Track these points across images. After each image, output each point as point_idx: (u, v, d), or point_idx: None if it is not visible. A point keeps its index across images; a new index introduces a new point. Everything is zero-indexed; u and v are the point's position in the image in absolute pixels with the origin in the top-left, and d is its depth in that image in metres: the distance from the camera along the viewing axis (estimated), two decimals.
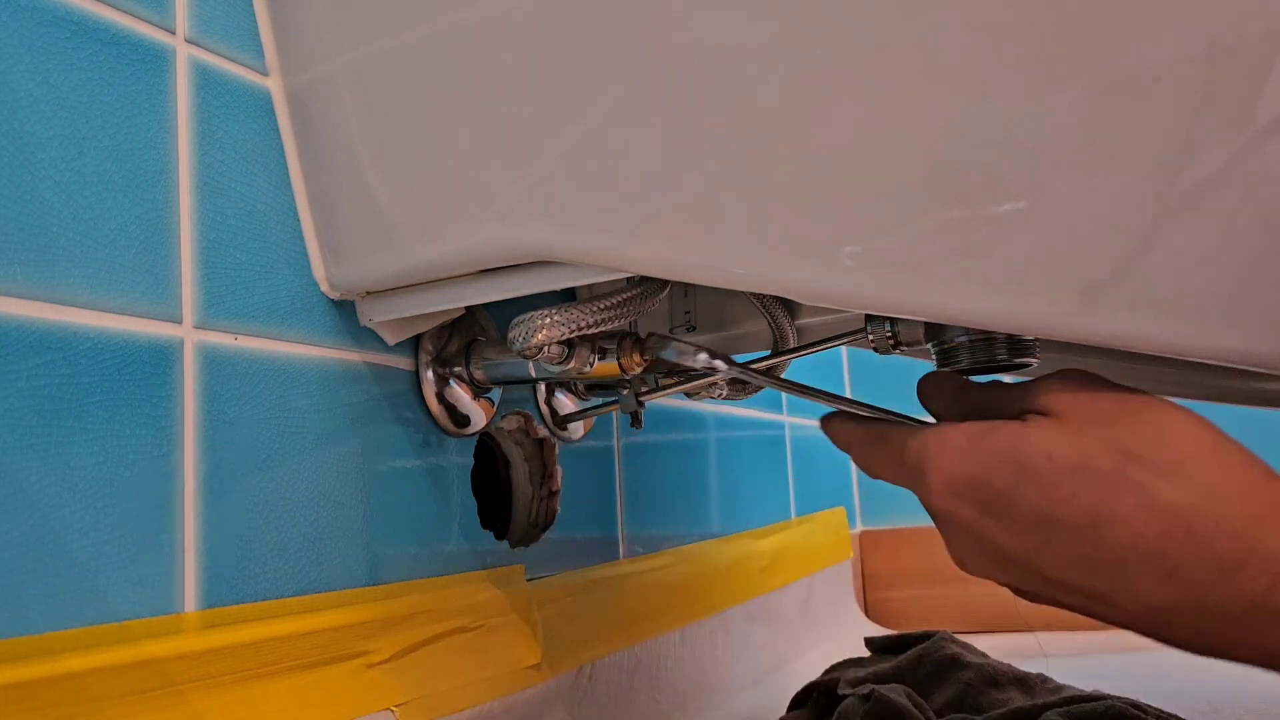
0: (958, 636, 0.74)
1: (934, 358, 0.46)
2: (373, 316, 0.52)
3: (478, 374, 0.58)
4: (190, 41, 0.45)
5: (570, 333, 0.45)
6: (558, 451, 0.67)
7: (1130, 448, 0.32)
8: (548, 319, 0.45)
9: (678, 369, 0.60)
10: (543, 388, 0.67)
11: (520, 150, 0.41)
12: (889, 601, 1.34)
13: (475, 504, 0.60)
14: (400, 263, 0.47)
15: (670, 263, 0.38)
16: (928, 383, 0.41)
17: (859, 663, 0.74)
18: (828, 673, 0.73)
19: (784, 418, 1.17)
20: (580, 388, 0.69)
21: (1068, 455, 0.32)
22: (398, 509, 0.53)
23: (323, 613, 0.46)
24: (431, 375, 0.56)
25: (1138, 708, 0.57)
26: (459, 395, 0.58)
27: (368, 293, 0.51)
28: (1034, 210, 0.31)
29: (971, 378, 0.42)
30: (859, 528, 1.39)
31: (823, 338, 0.53)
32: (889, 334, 0.47)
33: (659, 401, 0.80)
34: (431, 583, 0.54)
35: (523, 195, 0.41)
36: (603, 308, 0.45)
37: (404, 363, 0.55)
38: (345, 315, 0.52)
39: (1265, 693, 0.78)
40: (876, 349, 0.48)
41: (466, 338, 0.58)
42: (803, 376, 1.39)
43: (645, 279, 0.47)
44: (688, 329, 0.64)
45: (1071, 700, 0.59)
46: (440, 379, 0.57)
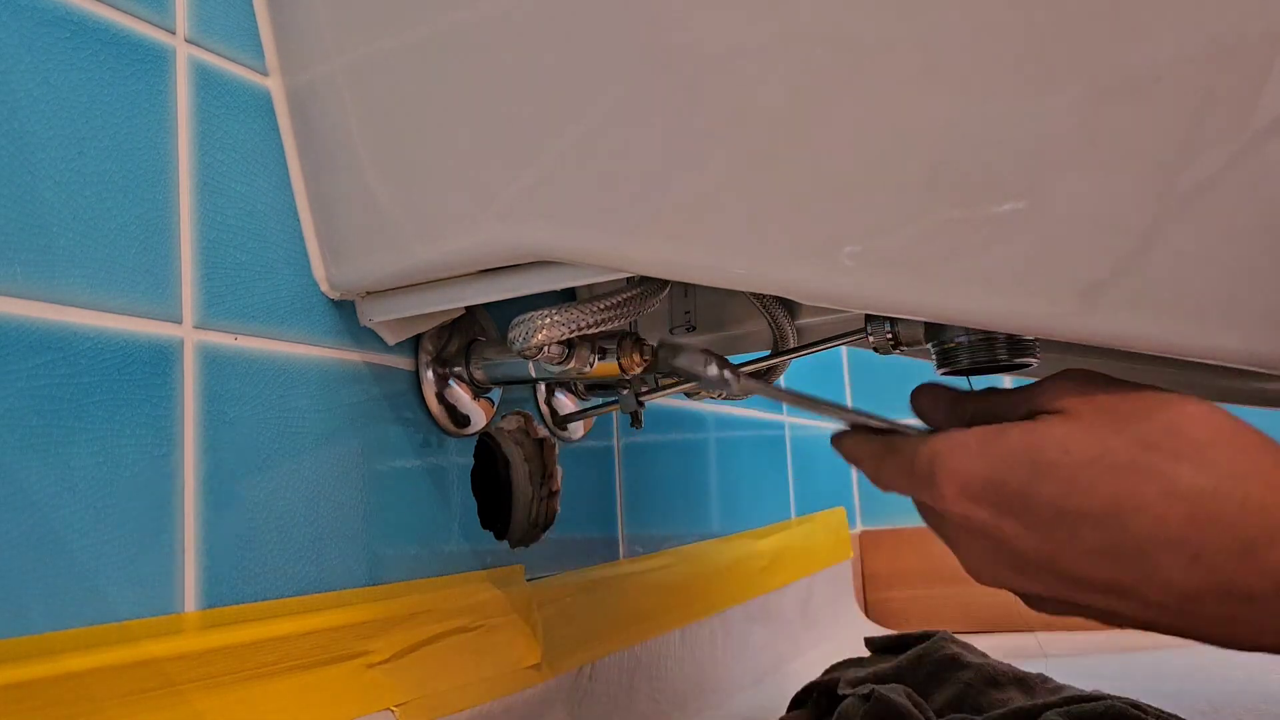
0: (958, 636, 0.74)
1: (934, 358, 0.46)
2: (373, 316, 0.52)
3: (478, 374, 0.58)
4: (190, 41, 0.46)
5: (570, 333, 0.45)
6: (558, 451, 0.67)
7: (1147, 437, 0.31)
8: (548, 319, 0.45)
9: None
10: (543, 388, 0.67)
11: (520, 150, 0.41)
12: (889, 601, 1.34)
13: (475, 504, 0.60)
14: (400, 263, 0.47)
15: (670, 263, 0.38)
16: (921, 395, 0.40)
17: (859, 663, 0.75)
18: (828, 673, 0.73)
19: (784, 418, 1.18)
20: (580, 388, 0.69)
21: (1084, 449, 0.32)
22: (398, 509, 0.53)
23: (323, 613, 0.46)
24: (431, 375, 0.56)
25: (1138, 708, 0.57)
26: (459, 395, 0.58)
27: (368, 293, 0.51)
28: (1034, 210, 0.31)
29: (971, 378, 0.42)
30: (859, 528, 1.39)
31: (823, 338, 0.53)
32: (889, 334, 0.47)
33: (659, 401, 0.80)
34: (431, 583, 0.54)
35: (523, 195, 0.41)
36: (603, 308, 0.45)
37: (404, 363, 0.55)
38: (345, 315, 0.52)
39: (1265, 693, 0.78)
40: (876, 349, 0.48)
41: (466, 338, 0.58)
42: (803, 376, 1.37)
43: (645, 279, 0.47)
44: (688, 329, 0.64)
45: (1071, 700, 0.59)
46: (440, 379, 0.57)
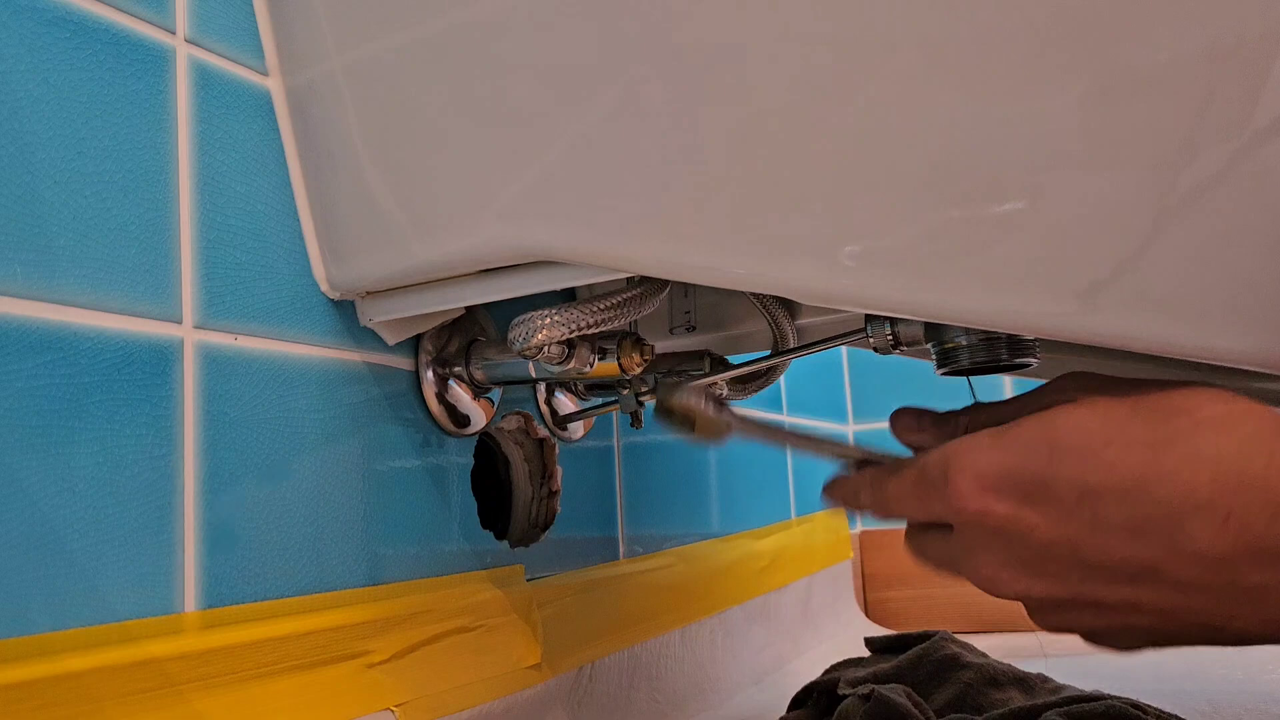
0: (958, 636, 0.74)
1: (934, 358, 0.46)
2: (373, 316, 0.52)
3: (478, 374, 0.58)
4: (190, 41, 0.45)
5: (570, 333, 0.45)
6: (558, 451, 0.67)
7: (1164, 413, 0.31)
8: (548, 319, 0.45)
9: (678, 370, 0.60)
10: (543, 388, 0.67)
11: (520, 150, 0.41)
12: (889, 601, 1.34)
13: (475, 504, 0.60)
14: (400, 263, 0.47)
15: (670, 262, 0.38)
16: (900, 417, 0.40)
17: (859, 663, 0.75)
18: (828, 673, 0.73)
19: (784, 418, 1.18)
20: (580, 388, 0.69)
21: (1102, 429, 0.32)
22: (398, 509, 0.53)
23: (323, 613, 0.46)
24: (431, 375, 0.56)
25: (1138, 708, 0.57)
26: (459, 395, 0.58)
27: (368, 293, 0.51)
28: (1034, 210, 0.31)
29: (971, 378, 0.42)
30: (859, 528, 1.39)
31: (823, 338, 0.53)
32: (889, 334, 0.47)
33: None
34: (431, 583, 0.54)
35: (523, 195, 0.41)
36: (603, 308, 0.45)
37: (404, 363, 0.55)
38: (345, 315, 0.52)
39: (1265, 692, 0.78)
40: (876, 349, 0.48)
41: (466, 338, 0.58)
42: (803, 376, 1.37)
43: (645, 279, 0.47)
44: (688, 329, 0.64)
45: (1071, 700, 0.59)
46: (440, 379, 0.57)
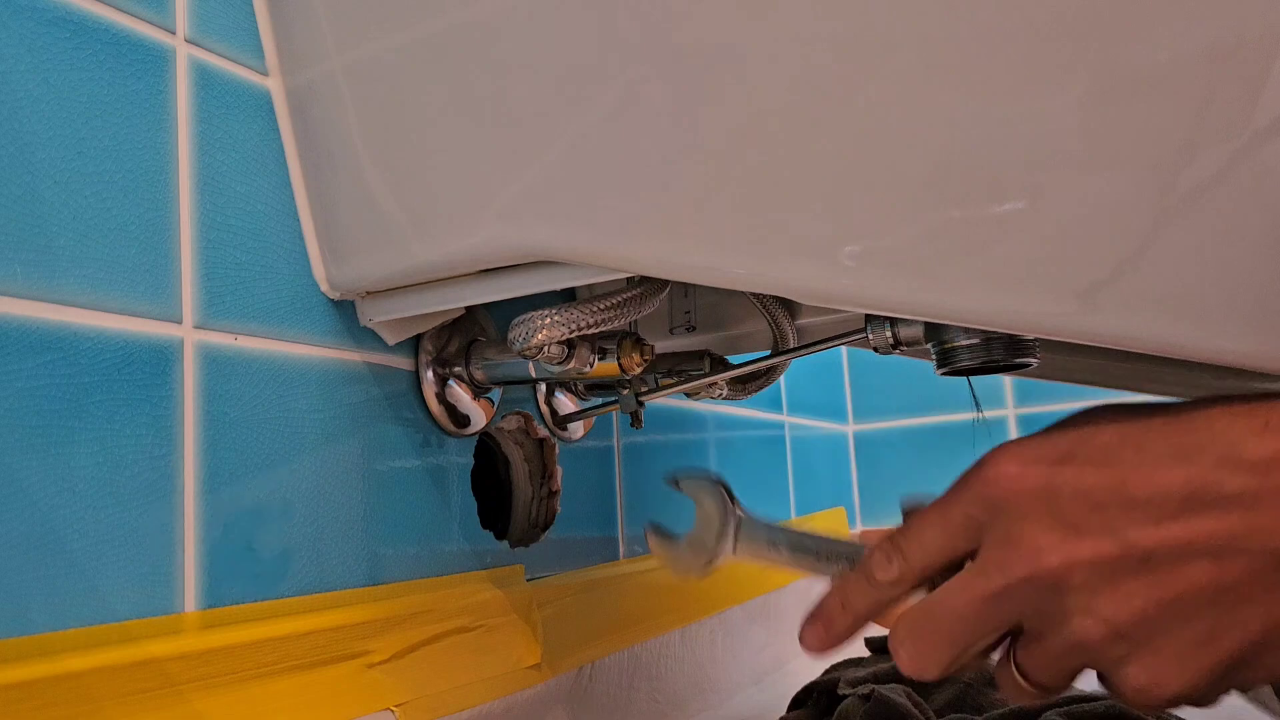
0: None
1: (934, 358, 0.46)
2: (373, 316, 0.52)
3: (478, 374, 0.58)
4: (190, 41, 0.46)
5: (570, 333, 0.45)
6: (558, 451, 0.67)
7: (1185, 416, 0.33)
8: (548, 319, 0.45)
9: (678, 370, 0.60)
10: (543, 388, 0.67)
11: (520, 150, 0.41)
12: None
13: (475, 504, 0.60)
14: (400, 263, 0.47)
15: (670, 262, 0.38)
16: (908, 506, 0.39)
17: (859, 663, 0.74)
18: (828, 673, 0.73)
19: (784, 418, 1.17)
20: (580, 388, 0.69)
21: (1130, 415, 0.33)
22: (398, 509, 0.53)
23: (323, 613, 0.46)
24: (431, 375, 0.56)
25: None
26: (459, 395, 0.58)
27: (368, 293, 0.51)
28: (1034, 210, 0.31)
29: (971, 378, 0.42)
30: (859, 528, 1.39)
31: (823, 338, 0.53)
32: (889, 334, 0.47)
33: (659, 401, 0.80)
34: (431, 583, 0.54)
35: (522, 195, 0.41)
36: (603, 308, 0.45)
37: (404, 363, 0.55)
38: (345, 315, 0.52)
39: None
40: (876, 349, 0.48)
41: (466, 338, 0.58)
42: (803, 376, 1.36)
43: (645, 279, 0.47)
44: (688, 329, 0.64)
45: (1071, 700, 0.59)
46: (440, 379, 0.57)
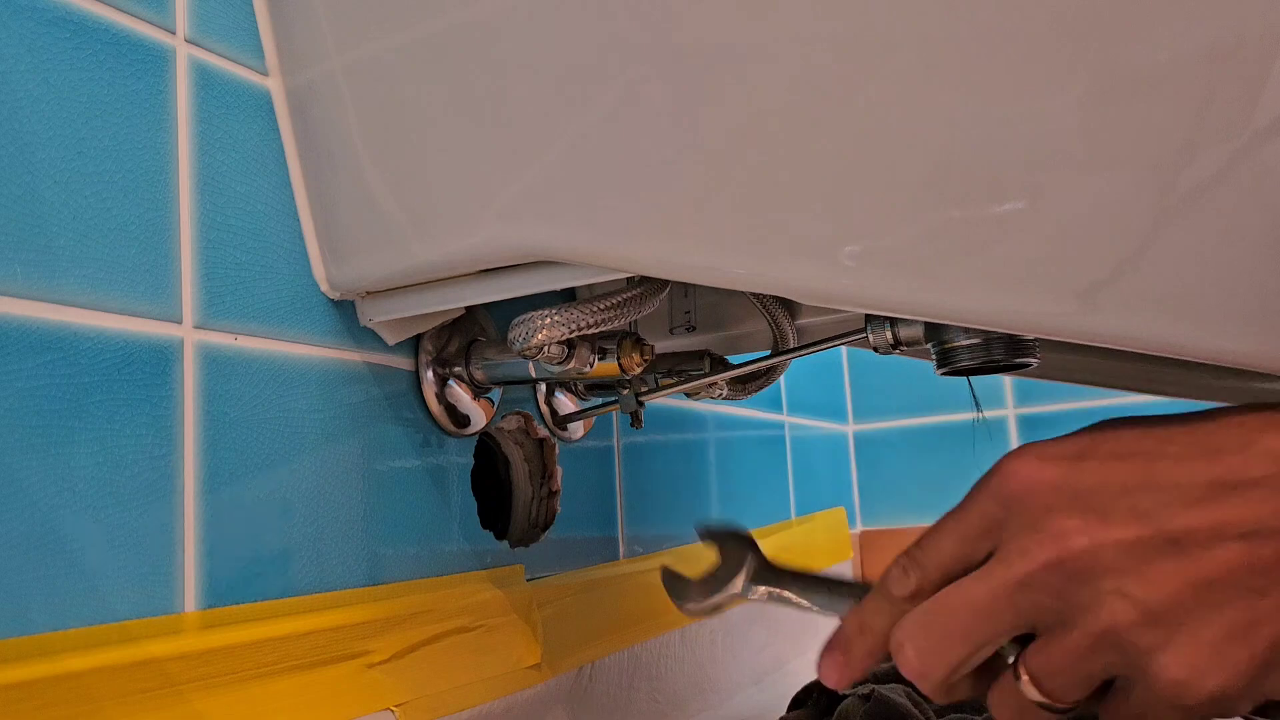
0: None
1: (934, 358, 0.46)
2: (373, 316, 0.52)
3: (478, 374, 0.58)
4: (190, 41, 0.46)
5: (570, 333, 0.45)
6: (558, 451, 0.67)
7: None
8: (548, 319, 0.45)
9: (678, 370, 0.60)
10: (543, 388, 0.67)
11: (520, 149, 0.41)
12: None
13: (475, 504, 0.60)
14: (400, 263, 0.47)
15: (670, 262, 0.38)
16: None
17: None
18: None
19: (784, 418, 1.17)
20: (580, 388, 0.69)
21: (1149, 423, 0.33)
22: (398, 509, 0.53)
23: (323, 613, 0.46)
24: (431, 375, 0.56)
25: None
26: (459, 395, 0.58)
27: (368, 293, 0.51)
28: (1034, 210, 0.31)
29: (971, 378, 0.42)
30: (859, 528, 1.39)
31: (823, 338, 0.53)
32: (889, 334, 0.47)
33: (659, 401, 0.80)
34: (431, 583, 0.54)
35: (522, 195, 0.41)
36: (603, 308, 0.45)
37: (404, 363, 0.55)
38: (345, 315, 0.52)
39: None
40: (876, 349, 0.48)
41: (466, 338, 0.58)
42: (803, 376, 1.36)
43: (645, 279, 0.47)
44: (688, 329, 0.64)
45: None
46: (440, 379, 0.57)
